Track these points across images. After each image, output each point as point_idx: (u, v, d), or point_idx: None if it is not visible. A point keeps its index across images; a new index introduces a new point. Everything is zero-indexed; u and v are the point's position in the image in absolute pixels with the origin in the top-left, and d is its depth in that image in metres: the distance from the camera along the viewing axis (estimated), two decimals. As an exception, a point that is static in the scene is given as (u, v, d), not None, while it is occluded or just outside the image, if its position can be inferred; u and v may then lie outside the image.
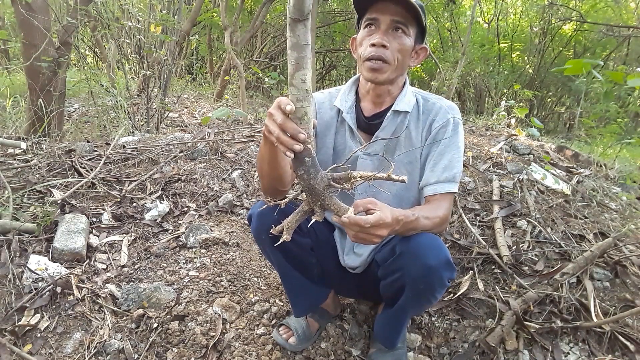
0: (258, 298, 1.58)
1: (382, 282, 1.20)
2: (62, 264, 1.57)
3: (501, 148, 2.80)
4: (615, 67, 7.35)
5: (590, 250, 1.70)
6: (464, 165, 2.30)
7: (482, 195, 2.23)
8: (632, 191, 2.49)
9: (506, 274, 1.70)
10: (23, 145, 2.30)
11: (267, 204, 0.94)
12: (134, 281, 1.57)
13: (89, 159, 2.29)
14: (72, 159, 2.19)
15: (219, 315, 1.46)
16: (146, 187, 2.13)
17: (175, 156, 2.45)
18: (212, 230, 1.88)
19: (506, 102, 4.25)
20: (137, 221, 1.90)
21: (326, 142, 1.24)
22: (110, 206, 1.95)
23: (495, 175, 2.37)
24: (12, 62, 5.86)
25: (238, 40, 6.00)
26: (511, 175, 2.38)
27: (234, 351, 1.35)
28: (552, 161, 2.70)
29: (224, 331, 1.42)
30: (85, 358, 1.27)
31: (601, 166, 2.73)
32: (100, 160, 2.27)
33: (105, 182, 2.10)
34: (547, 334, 1.46)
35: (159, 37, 3.57)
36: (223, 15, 5.00)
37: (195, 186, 2.20)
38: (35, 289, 1.44)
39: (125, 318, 1.42)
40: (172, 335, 1.37)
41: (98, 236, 1.78)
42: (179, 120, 4.36)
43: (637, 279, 1.66)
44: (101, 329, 1.37)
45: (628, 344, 1.40)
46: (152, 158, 2.39)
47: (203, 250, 1.77)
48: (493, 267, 1.76)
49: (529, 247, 1.86)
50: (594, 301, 1.53)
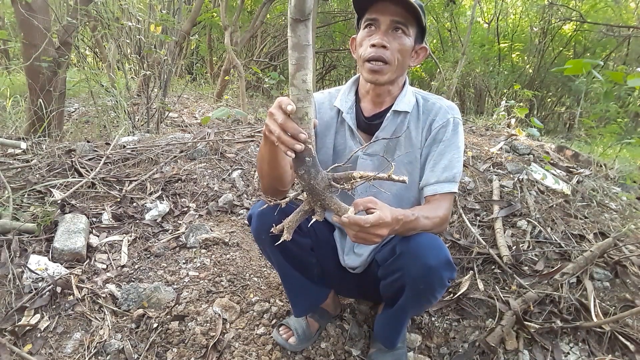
0: (258, 298, 1.58)
1: (382, 282, 1.20)
2: (62, 264, 1.57)
3: (501, 148, 2.80)
4: (615, 67, 7.35)
5: (590, 250, 1.70)
6: (464, 165, 2.31)
7: (482, 195, 2.23)
8: (632, 191, 2.49)
9: (506, 274, 1.70)
10: (23, 145, 2.30)
11: (268, 204, 0.95)
12: (134, 281, 1.57)
13: (89, 159, 2.29)
14: (72, 159, 2.19)
15: (219, 315, 1.46)
16: (146, 187, 2.13)
17: (175, 156, 2.45)
18: (212, 230, 1.88)
19: (506, 102, 4.25)
20: (137, 221, 1.90)
21: (326, 143, 1.24)
22: (110, 206, 1.95)
23: (495, 175, 2.37)
24: (12, 62, 5.86)
25: (238, 40, 6.00)
26: (511, 175, 2.38)
27: (234, 351, 1.35)
28: (552, 161, 2.70)
29: (224, 331, 1.42)
30: (85, 358, 1.27)
31: (601, 166, 2.73)
32: (100, 160, 2.27)
33: (105, 182, 2.10)
34: (547, 334, 1.46)
35: (159, 37, 3.57)
36: (223, 15, 5.01)
37: (195, 186, 2.20)
38: (35, 289, 1.44)
39: (125, 318, 1.42)
40: (172, 335, 1.37)
41: (98, 236, 1.78)
42: (179, 120, 4.36)
43: (637, 279, 1.66)
44: (101, 329, 1.37)
45: (628, 344, 1.40)
46: (152, 158, 2.39)
47: (203, 250, 1.77)
48: (493, 267, 1.76)
49: (529, 247, 1.86)
50: (594, 301, 1.53)
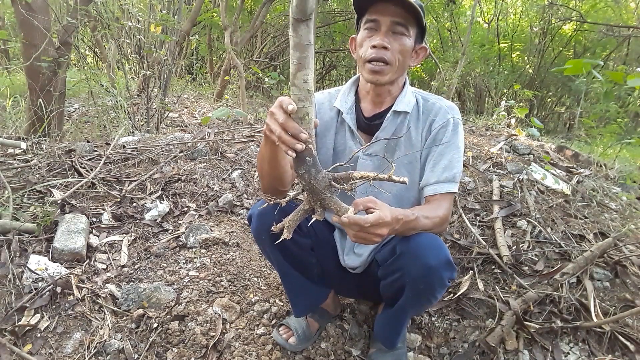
0: (258, 298, 1.58)
1: (382, 282, 1.20)
2: (62, 264, 1.57)
3: (501, 148, 2.80)
4: (615, 67, 7.35)
5: (590, 250, 1.70)
6: (464, 165, 2.31)
7: (482, 195, 2.23)
8: (632, 191, 2.49)
9: (506, 274, 1.70)
10: (23, 145, 2.30)
11: (268, 203, 0.95)
12: (134, 281, 1.57)
13: (89, 159, 2.29)
14: (72, 159, 2.19)
15: (219, 315, 1.46)
16: (146, 187, 2.13)
17: (175, 156, 2.45)
18: (212, 230, 1.88)
19: (506, 102, 4.25)
20: (137, 221, 1.90)
21: (326, 143, 1.24)
22: (110, 206, 1.95)
23: (495, 175, 2.37)
24: (12, 62, 5.86)
25: (238, 40, 6.00)
26: (511, 175, 2.38)
27: (234, 351, 1.35)
28: (552, 161, 2.70)
29: (224, 331, 1.42)
30: (85, 358, 1.27)
31: (601, 166, 2.73)
32: (100, 160, 2.27)
33: (105, 182, 2.10)
34: (547, 334, 1.46)
35: (159, 37, 3.57)
36: (223, 15, 5.01)
37: (195, 186, 2.20)
38: (35, 289, 1.44)
39: (125, 318, 1.42)
40: (172, 335, 1.37)
41: (98, 236, 1.78)
42: (179, 120, 4.36)
43: (637, 279, 1.66)
44: (101, 329, 1.37)
45: (628, 344, 1.40)
46: (152, 158, 2.39)
47: (203, 250, 1.77)
48: (493, 267, 1.76)
49: (529, 247, 1.86)
50: (594, 301, 1.53)
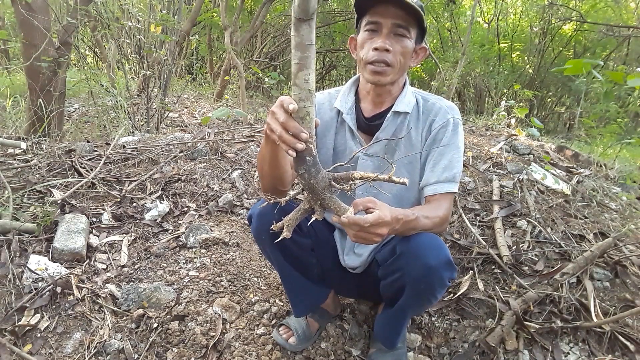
0: (258, 298, 1.58)
1: (382, 282, 1.20)
2: (62, 264, 1.57)
3: (501, 148, 2.80)
4: (615, 67, 7.34)
5: (590, 250, 1.70)
6: (464, 165, 2.31)
7: (482, 195, 2.23)
8: (632, 191, 2.49)
9: (506, 274, 1.70)
10: (23, 145, 2.30)
11: (268, 202, 0.95)
12: (134, 281, 1.57)
13: (89, 159, 2.29)
14: (72, 159, 2.19)
15: (219, 315, 1.46)
16: (146, 187, 2.13)
17: (175, 156, 2.45)
18: (212, 230, 1.88)
19: (506, 102, 4.25)
20: (137, 221, 1.90)
21: (326, 143, 1.24)
22: (110, 206, 1.95)
23: (495, 175, 2.37)
24: (12, 62, 5.86)
25: (238, 40, 6.00)
26: (511, 175, 2.38)
27: (234, 351, 1.35)
28: (552, 161, 2.70)
29: (224, 331, 1.42)
30: (85, 358, 1.27)
31: (601, 166, 2.73)
32: (100, 160, 2.27)
33: (105, 182, 2.10)
34: (547, 334, 1.46)
35: (159, 37, 3.57)
36: (223, 15, 5.00)
37: (195, 186, 2.20)
38: (35, 289, 1.44)
39: (125, 318, 1.42)
40: (172, 335, 1.37)
41: (98, 236, 1.78)
42: (179, 120, 4.36)
43: (637, 279, 1.66)
44: (101, 329, 1.37)
45: (628, 344, 1.40)
46: (152, 158, 2.39)
47: (203, 250, 1.77)
48: (493, 267, 1.76)
49: (529, 247, 1.86)
50: (594, 301, 1.53)
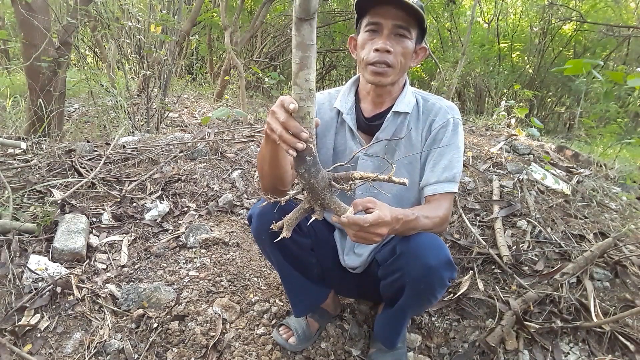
0: (258, 298, 1.58)
1: (382, 282, 1.20)
2: (62, 264, 1.57)
3: (501, 148, 2.80)
4: (615, 67, 7.34)
5: (590, 250, 1.70)
6: (464, 165, 2.31)
7: (482, 195, 2.23)
8: (632, 191, 2.49)
9: (506, 274, 1.70)
10: (23, 145, 2.30)
11: (267, 201, 0.95)
12: (134, 281, 1.57)
13: (89, 159, 2.29)
14: (72, 159, 2.19)
15: (219, 315, 1.46)
16: (146, 187, 2.13)
17: (175, 156, 2.45)
18: (212, 230, 1.88)
19: (506, 102, 4.25)
20: (137, 221, 1.90)
21: (326, 143, 1.24)
22: (110, 206, 1.95)
23: (495, 175, 2.37)
24: (12, 62, 5.86)
25: (238, 40, 6.00)
26: (511, 175, 2.38)
27: (234, 351, 1.35)
28: (552, 161, 2.70)
29: (224, 331, 1.42)
30: (85, 358, 1.27)
31: (601, 166, 2.73)
32: (100, 160, 2.27)
33: (105, 182, 2.10)
34: (547, 334, 1.46)
35: (159, 37, 3.57)
36: (223, 15, 5.00)
37: (195, 186, 2.20)
38: (35, 289, 1.44)
39: (125, 318, 1.42)
40: (172, 335, 1.37)
41: (98, 236, 1.78)
42: (179, 120, 4.36)
43: (637, 279, 1.66)
44: (101, 329, 1.37)
45: (628, 344, 1.40)
46: (152, 158, 2.39)
47: (203, 250, 1.77)
48: (493, 267, 1.76)
49: (529, 247, 1.86)
50: (594, 301, 1.53)
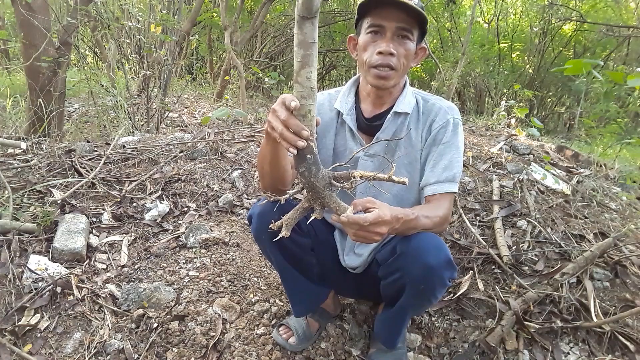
0: (258, 298, 1.58)
1: (382, 282, 1.20)
2: (62, 264, 1.57)
3: (501, 148, 2.80)
4: (615, 67, 7.35)
5: (590, 250, 1.70)
6: (464, 165, 2.31)
7: (482, 195, 2.23)
8: (632, 191, 2.49)
9: (506, 274, 1.70)
10: (23, 145, 2.30)
11: (267, 199, 0.94)
12: (134, 281, 1.57)
13: (89, 159, 2.29)
14: (72, 159, 2.19)
15: (219, 315, 1.46)
16: (146, 187, 2.13)
17: (175, 156, 2.45)
18: (212, 230, 1.88)
19: (506, 102, 4.26)
20: (137, 221, 1.90)
21: (326, 143, 1.24)
22: (110, 206, 1.95)
23: (495, 175, 2.37)
24: (12, 62, 5.86)
25: (238, 40, 6.00)
26: (511, 175, 2.38)
27: (234, 351, 1.35)
28: (552, 161, 2.70)
29: (224, 331, 1.42)
30: (85, 358, 1.27)
31: (601, 166, 2.73)
32: (100, 160, 2.27)
33: (105, 182, 2.10)
34: (547, 334, 1.46)
35: (159, 37, 3.57)
36: (223, 15, 5.00)
37: (195, 186, 2.20)
38: (35, 289, 1.44)
39: (125, 318, 1.42)
40: (172, 335, 1.37)
41: (98, 236, 1.78)
42: (179, 120, 4.36)
43: (637, 279, 1.66)
44: (101, 329, 1.37)
45: (628, 344, 1.40)
46: (152, 158, 2.39)
47: (203, 250, 1.77)
48: (493, 267, 1.76)
49: (529, 247, 1.86)
50: (594, 301, 1.53)
